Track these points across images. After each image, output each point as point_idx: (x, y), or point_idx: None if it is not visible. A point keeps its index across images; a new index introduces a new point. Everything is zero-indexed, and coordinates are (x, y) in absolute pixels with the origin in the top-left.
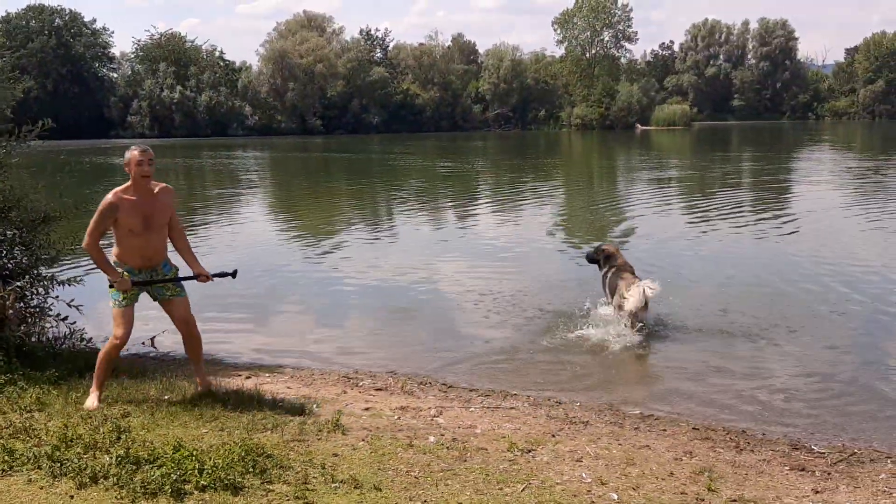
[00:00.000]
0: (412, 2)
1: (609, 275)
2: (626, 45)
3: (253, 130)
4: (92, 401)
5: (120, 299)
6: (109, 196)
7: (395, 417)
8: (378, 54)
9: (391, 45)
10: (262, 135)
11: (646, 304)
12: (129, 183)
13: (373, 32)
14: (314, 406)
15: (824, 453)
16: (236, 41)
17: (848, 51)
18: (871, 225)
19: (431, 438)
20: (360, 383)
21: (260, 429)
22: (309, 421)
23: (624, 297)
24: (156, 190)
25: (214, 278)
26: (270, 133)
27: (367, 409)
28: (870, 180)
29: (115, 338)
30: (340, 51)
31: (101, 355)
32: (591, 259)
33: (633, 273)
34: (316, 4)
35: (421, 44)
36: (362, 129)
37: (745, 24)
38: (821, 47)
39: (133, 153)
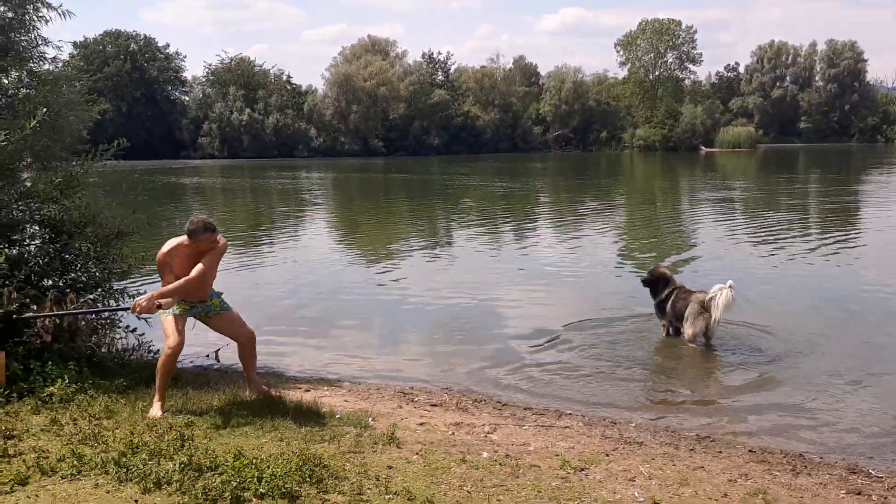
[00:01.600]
0: (475, 27)
1: (672, 297)
2: (691, 66)
3: (317, 152)
4: (156, 410)
5: (175, 310)
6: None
7: (449, 433)
8: (440, 77)
9: (453, 67)
10: (326, 156)
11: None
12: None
13: (435, 56)
14: (370, 419)
15: (882, 477)
16: (303, 66)
17: None
18: None
19: (484, 454)
20: (416, 399)
21: (317, 440)
22: (365, 434)
23: (706, 307)
24: None
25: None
26: (334, 154)
27: (421, 423)
28: None
29: (169, 347)
30: (403, 74)
31: (158, 366)
32: (647, 283)
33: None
34: (380, 30)
35: (482, 66)
36: (423, 150)
37: (813, 45)
38: (891, 69)
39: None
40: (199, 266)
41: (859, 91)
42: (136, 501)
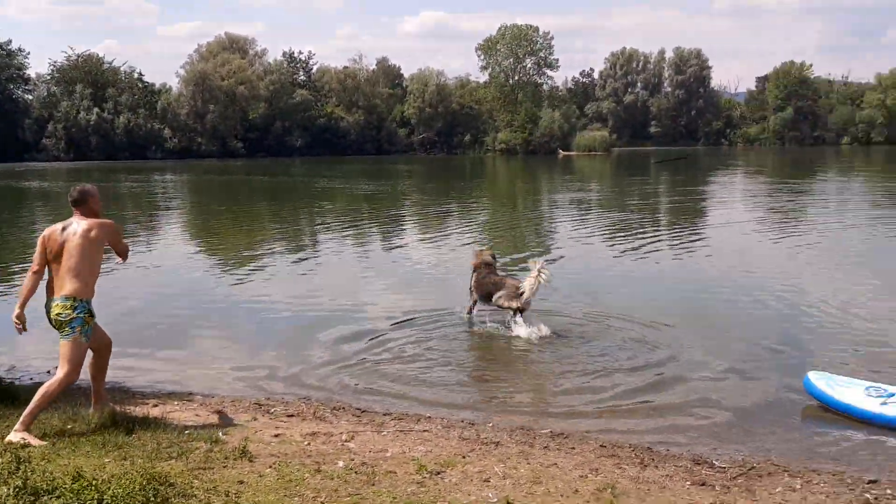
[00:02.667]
0: (337, 27)
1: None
2: (548, 72)
3: (172, 153)
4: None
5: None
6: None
7: (305, 443)
8: (301, 77)
9: (315, 67)
10: (182, 158)
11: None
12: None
13: (296, 55)
14: (221, 433)
15: (725, 468)
16: (157, 64)
17: (759, 79)
18: (780, 244)
19: (340, 463)
20: (272, 410)
21: (164, 457)
22: (216, 448)
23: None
24: None
25: None
26: (190, 156)
27: (276, 435)
28: (780, 202)
29: (68, 376)
30: (263, 73)
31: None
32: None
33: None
34: (239, 27)
35: (345, 67)
36: (285, 151)
37: (662, 53)
38: (733, 76)
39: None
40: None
41: (705, 97)
42: None
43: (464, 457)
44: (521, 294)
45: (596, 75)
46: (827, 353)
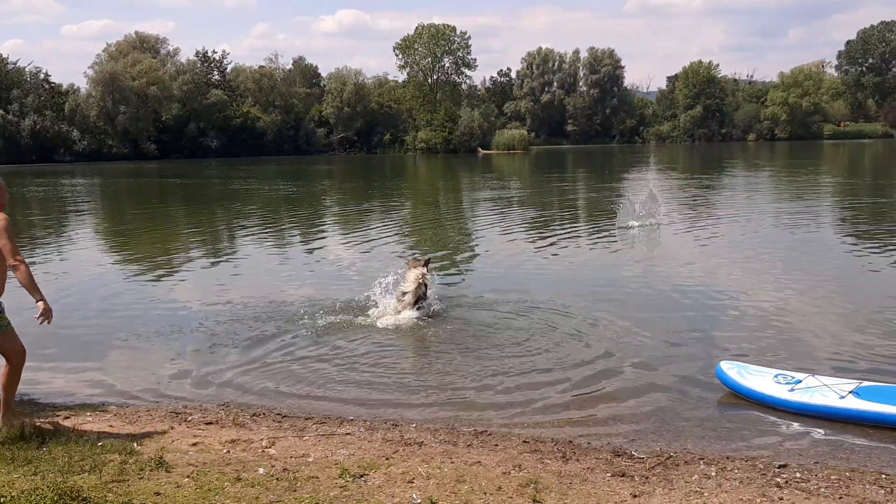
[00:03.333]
0: (251, 25)
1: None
2: (467, 71)
3: (82, 156)
4: None
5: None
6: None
7: (225, 451)
8: (216, 77)
9: (229, 67)
10: (92, 160)
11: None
12: None
13: (210, 55)
14: (136, 444)
15: (643, 458)
16: (64, 64)
17: (669, 78)
18: (690, 237)
19: (261, 470)
20: (190, 418)
21: (76, 471)
22: (131, 460)
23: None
24: None
25: None
26: (101, 158)
27: (194, 444)
28: (690, 196)
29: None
30: (175, 73)
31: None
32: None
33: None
34: (149, 26)
35: (261, 66)
36: (200, 153)
37: (576, 53)
38: (645, 75)
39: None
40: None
41: (618, 95)
42: None
43: (387, 458)
44: (406, 294)
45: (513, 75)
46: (738, 343)
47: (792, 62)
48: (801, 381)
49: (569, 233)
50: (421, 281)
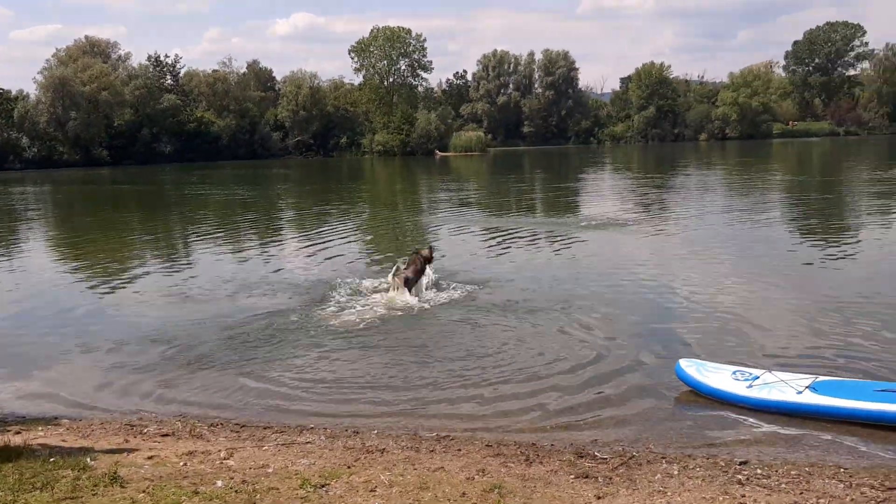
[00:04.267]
0: (204, 28)
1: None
2: (423, 73)
3: (32, 163)
4: None
5: None
6: None
7: (182, 464)
8: (169, 81)
9: (182, 71)
10: (43, 167)
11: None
12: None
13: (162, 59)
14: (90, 459)
15: (606, 459)
16: (12, 69)
17: (623, 80)
18: (646, 236)
19: (219, 483)
20: (145, 430)
21: (28, 488)
22: (84, 476)
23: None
24: None
25: None
26: (52, 165)
27: (150, 457)
28: (645, 195)
29: None
30: (127, 78)
31: None
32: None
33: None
34: (100, 31)
35: (215, 70)
36: (153, 159)
37: (531, 55)
38: (599, 77)
39: None
40: None
41: (573, 97)
42: None
43: (349, 467)
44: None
45: (469, 77)
46: (695, 340)
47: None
48: (758, 378)
49: (526, 234)
50: (417, 268)
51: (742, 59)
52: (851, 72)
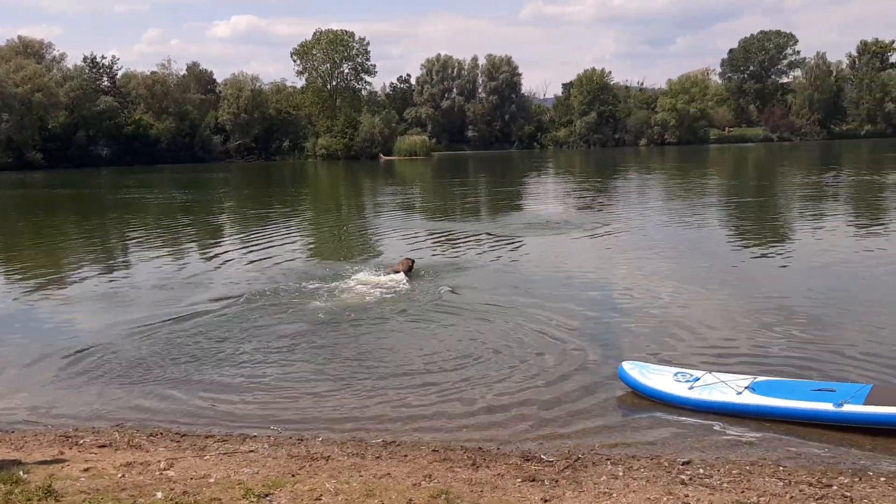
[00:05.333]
0: (142, 30)
1: None
2: (366, 77)
3: None
4: None
5: None
6: None
7: (120, 476)
8: (105, 83)
9: (120, 73)
10: None
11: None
12: None
13: (99, 60)
14: (22, 472)
15: (552, 461)
16: None
17: (565, 86)
18: (588, 238)
19: (159, 495)
20: (81, 441)
21: None
22: (16, 490)
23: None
24: None
25: None
26: None
27: (86, 469)
28: (586, 199)
29: None
30: (62, 79)
31: None
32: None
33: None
34: (33, 31)
35: (153, 72)
36: (90, 162)
37: (475, 60)
38: (542, 82)
39: None
40: None
41: (517, 102)
42: None
43: (293, 475)
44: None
45: (413, 81)
46: (638, 343)
47: (679, 69)
48: (699, 379)
49: (470, 238)
50: (402, 270)
51: (680, 65)
52: (784, 79)
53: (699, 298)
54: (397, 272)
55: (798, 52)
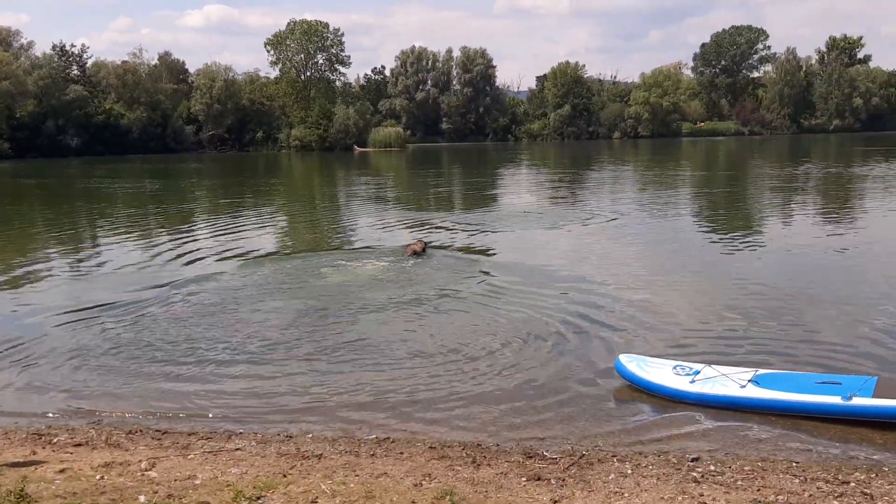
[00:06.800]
0: (112, 18)
1: None
2: (341, 68)
3: None
4: None
5: None
6: None
7: (98, 478)
8: (75, 72)
9: (90, 61)
10: None
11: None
12: None
13: (68, 48)
14: None
15: (556, 459)
16: None
17: (539, 79)
18: (571, 233)
19: (142, 498)
20: (55, 440)
21: None
22: None
23: None
24: None
25: None
26: None
27: (62, 470)
28: (563, 192)
29: None
30: (30, 67)
31: None
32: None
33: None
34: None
35: (124, 61)
36: (59, 151)
37: (449, 52)
38: (516, 75)
39: None
40: None
41: (491, 94)
42: None
43: (285, 476)
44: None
45: (388, 73)
46: (634, 336)
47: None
48: (699, 372)
49: (446, 229)
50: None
51: (653, 59)
52: (755, 74)
53: (685, 289)
54: (416, 253)
55: (769, 47)
